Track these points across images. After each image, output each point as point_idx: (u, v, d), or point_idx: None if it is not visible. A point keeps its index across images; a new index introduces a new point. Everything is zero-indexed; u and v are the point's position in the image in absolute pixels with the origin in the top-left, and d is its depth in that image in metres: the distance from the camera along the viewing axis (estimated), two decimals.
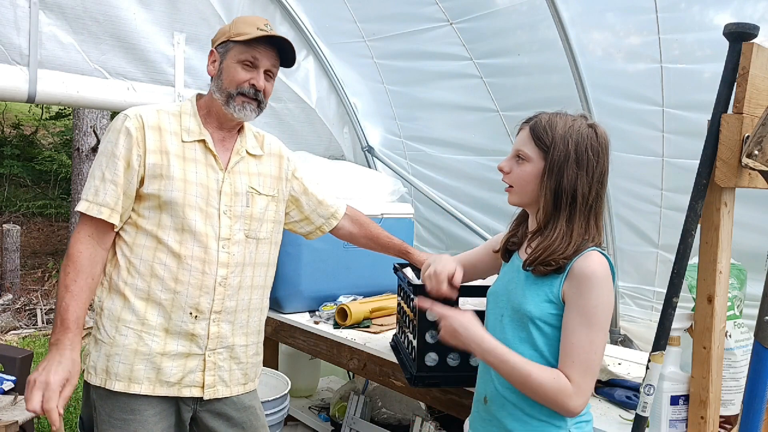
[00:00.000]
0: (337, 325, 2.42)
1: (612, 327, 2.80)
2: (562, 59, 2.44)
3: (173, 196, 1.53)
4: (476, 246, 1.68)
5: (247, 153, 1.70)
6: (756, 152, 1.22)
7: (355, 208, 2.05)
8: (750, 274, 1.61)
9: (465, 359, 1.75)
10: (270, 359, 2.92)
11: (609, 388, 1.77)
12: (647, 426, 1.39)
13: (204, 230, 1.56)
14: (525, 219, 1.43)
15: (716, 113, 1.30)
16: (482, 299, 1.52)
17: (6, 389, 2.76)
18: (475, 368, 1.51)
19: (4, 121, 10.46)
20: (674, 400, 1.43)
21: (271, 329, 2.67)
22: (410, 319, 1.84)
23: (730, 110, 1.30)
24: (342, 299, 2.59)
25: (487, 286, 1.49)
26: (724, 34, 1.29)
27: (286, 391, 2.59)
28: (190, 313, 1.56)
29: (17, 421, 2.42)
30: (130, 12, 2.61)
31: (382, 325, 2.42)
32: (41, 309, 6.17)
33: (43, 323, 5.95)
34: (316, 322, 2.49)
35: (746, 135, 1.25)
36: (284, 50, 1.65)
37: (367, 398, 2.87)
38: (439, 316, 1.35)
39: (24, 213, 9.11)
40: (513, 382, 1.24)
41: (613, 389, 1.75)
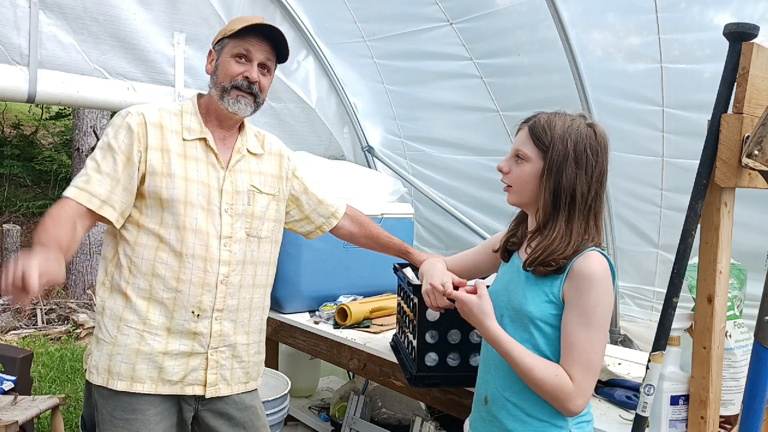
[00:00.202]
0: (337, 325, 2.42)
1: (612, 327, 2.80)
2: (562, 59, 2.44)
3: (175, 194, 1.53)
4: (475, 246, 1.68)
5: (248, 152, 1.70)
6: (756, 152, 1.22)
7: (355, 208, 2.05)
8: (750, 274, 1.61)
9: (465, 359, 1.75)
10: (270, 359, 2.92)
11: (609, 388, 1.77)
12: (647, 426, 1.39)
13: (205, 228, 1.56)
14: (524, 219, 1.43)
15: (716, 113, 1.30)
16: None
17: (6, 389, 2.76)
18: (475, 368, 1.51)
19: (4, 121, 10.45)
20: (674, 400, 1.43)
21: (271, 329, 2.67)
22: (410, 319, 1.84)
23: (730, 110, 1.30)
24: (342, 299, 2.59)
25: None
26: (724, 34, 1.29)
27: (286, 391, 2.59)
28: (192, 312, 1.56)
29: (17, 421, 2.42)
30: (130, 12, 2.61)
31: (382, 325, 2.42)
32: (41, 309, 6.16)
33: (43, 323, 5.95)
34: (316, 322, 2.49)
35: (746, 135, 1.25)
36: (279, 44, 1.65)
37: (367, 398, 2.87)
38: (458, 301, 1.34)
39: (24, 213, 9.10)
40: (518, 374, 1.25)
41: (613, 389, 1.75)
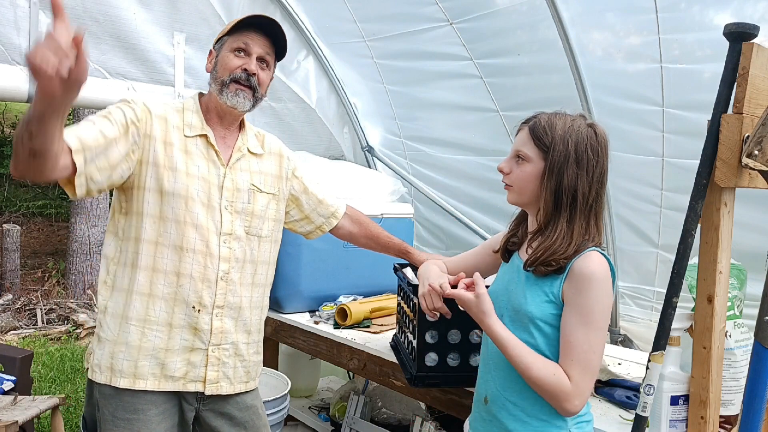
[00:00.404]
0: (337, 325, 2.42)
1: (612, 327, 2.80)
2: (562, 59, 2.44)
3: (176, 188, 1.54)
4: (476, 246, 1.68)
5: (249, 151, 1.70)
6: (756, 152, 1.22)
7: (354, 208, 2.05)
8: (750, 274, 1.61)
9: (465, 359, 1.75)
10: (270, 359, 2.92)
11: (609, 388, 1.77)
12: (647, 426, 1.40)
13: (205, 224, 1.57)
14: (524, 219, 1.43)
15: (716, 113, 1.30)
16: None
17: (6, 389, 2.76)
18: (475, 368, 1.51)
19: (4, 121, 10.44)
20: (674, 400, 1.43)
21: (271, 329, 2.67)
22: (410, 319, 1.84)
23: (730, 110, 1.30)
24: (342, 299, 2.59)
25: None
26: (724, 34, 1.29)
27: (286, 391, 2.59)
28: (193, 307, 1.56)
29: (17, 421, 2.42)
30: (130, 12, 2.61)
31: (382, 325, 2.42)
32: (41, 309, 6.16)
33: (43, 323, 5.95)
34: (316, 322, 2.49)
35: (746, 135, 1.25)
36: (278, 40, 1.65)
37: (367, 398, 2.87)
38: (458, 299, 1.34)
39: (24, 213, 9.10)
40: (517, 371, 1.25)
41: (613, 389, 1.75)
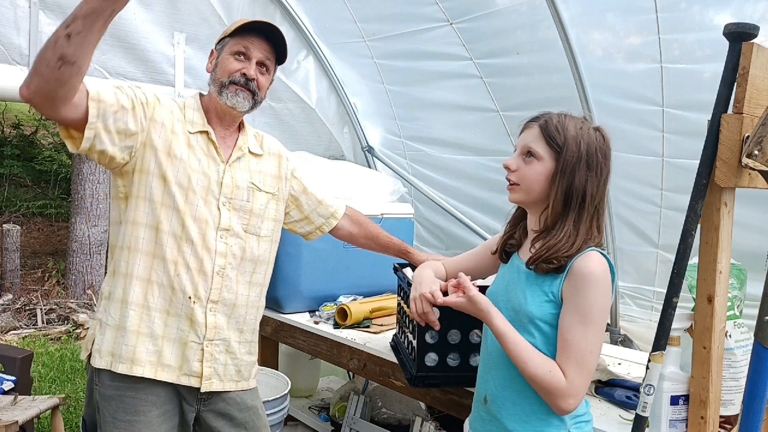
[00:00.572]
0: (337, 325, 2.41)
1: (612, 327, 2.80)
2: (562, 59, 2.44)
3: (179, 177, 1.55)
4: (475, 246, 1.68)
5: (249, 151, 1.71)
6: (756, 152, 1.22)
7: (354, 209, 2.05)
8: (750, 274, 1.61)
9: (465, 359, 1.75)
10: (270, 359, 2.92)
11: (609, 388, 1.77)
12: (647, 426, 1.39)
13: (204, 217, 1.58)
14: (521, 219, 1.42)
15: (716, 113, 1.30)
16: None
17: (6, 389, 2.76)
18: (475, 368, 1.51)
19: (4, 121, 10.44)
20: (674, 400, 1.43)
21: (271, 329, 2.67)
22: (410, 319, 1.84)
23: (730, 110, 1.30)
24: (342, 299, 2.59)
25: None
26: (724, 34, 1.29)
27: (286, 391, 2.59)
28: (189, 297, 1.57)
29: (17, 421, 2.42)
30: (130, 12, 2.61)
31: (382, 325, 2.42)
32: (41, 309, 6.16)
33: (43, 323, 5.95)
34: (316, 322, 2.49)
35: (746, 135, 1.25)
36: (278, 45, 1.66)
37: (367, 398, 2.87)
38: (455, 308, 1.34)
39: (24, 213, 9.10)
40: (515, 365, 1.25)
41: (613, 389, 1.75)
